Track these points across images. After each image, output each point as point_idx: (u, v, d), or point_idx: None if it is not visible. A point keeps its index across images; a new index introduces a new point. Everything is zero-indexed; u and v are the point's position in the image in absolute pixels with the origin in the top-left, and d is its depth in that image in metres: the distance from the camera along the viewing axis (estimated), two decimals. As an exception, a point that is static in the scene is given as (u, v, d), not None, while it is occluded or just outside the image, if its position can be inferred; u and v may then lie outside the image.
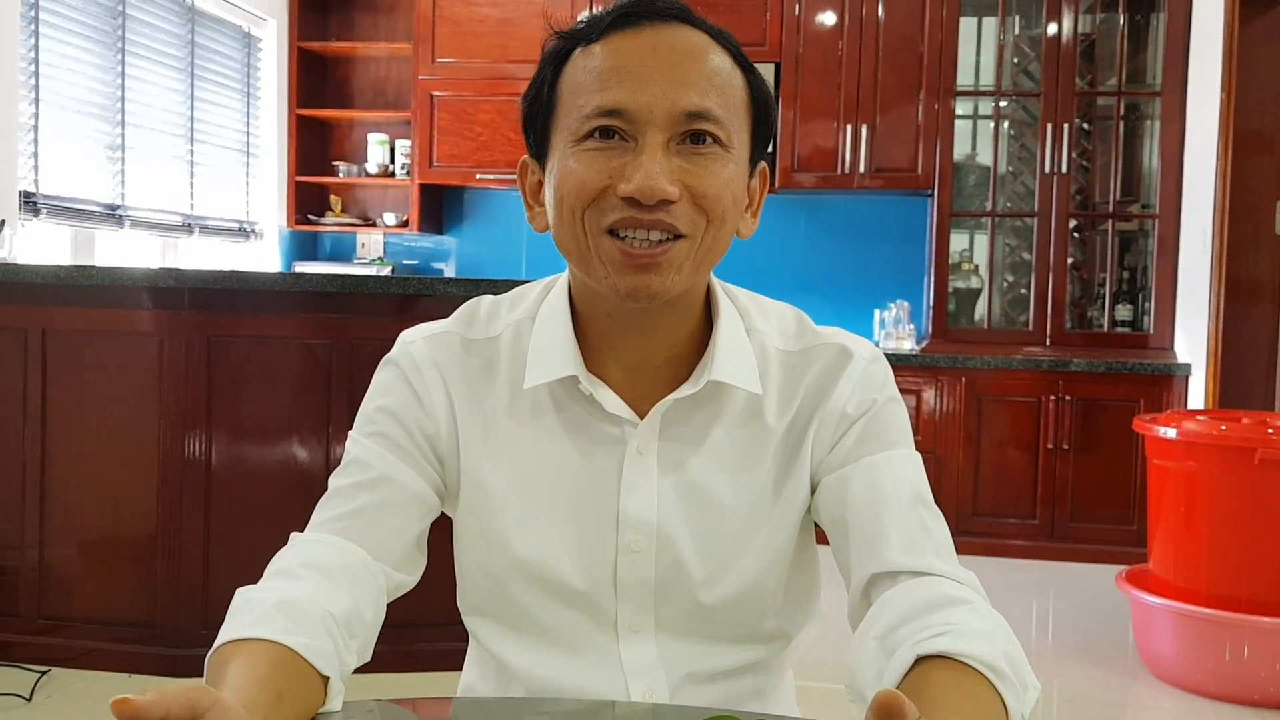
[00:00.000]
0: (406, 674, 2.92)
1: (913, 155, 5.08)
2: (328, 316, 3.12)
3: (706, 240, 0.95)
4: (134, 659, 3.09)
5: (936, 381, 4.82)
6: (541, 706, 0.97)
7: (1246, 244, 4.48)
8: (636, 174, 0.91)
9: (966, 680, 0.81)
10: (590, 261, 0.95)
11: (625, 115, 0.92)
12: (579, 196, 0.93)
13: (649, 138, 0.92)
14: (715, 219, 0.95)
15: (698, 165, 0.93)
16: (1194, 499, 3.24)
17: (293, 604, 0.89)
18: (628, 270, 0.93)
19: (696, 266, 0.96)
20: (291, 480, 3.10)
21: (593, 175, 0.93)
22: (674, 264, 0.94)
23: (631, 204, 0.92)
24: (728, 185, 0.95)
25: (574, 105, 0.94)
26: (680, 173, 0.93)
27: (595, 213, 0.94)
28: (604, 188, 0.93)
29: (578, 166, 0.93)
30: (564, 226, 0.96)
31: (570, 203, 0.94)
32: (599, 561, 1.03)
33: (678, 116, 0.92)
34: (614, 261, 0.94)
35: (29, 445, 3.14)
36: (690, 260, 0.95)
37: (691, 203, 0.93)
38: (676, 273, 0.94)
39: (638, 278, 0.93)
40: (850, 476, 1.02)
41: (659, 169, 0.91)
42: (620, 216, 0.92)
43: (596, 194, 0.93)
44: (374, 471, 1.03)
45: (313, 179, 5.81)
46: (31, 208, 3.91)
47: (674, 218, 0.92)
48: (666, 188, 0.91)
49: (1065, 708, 3.15)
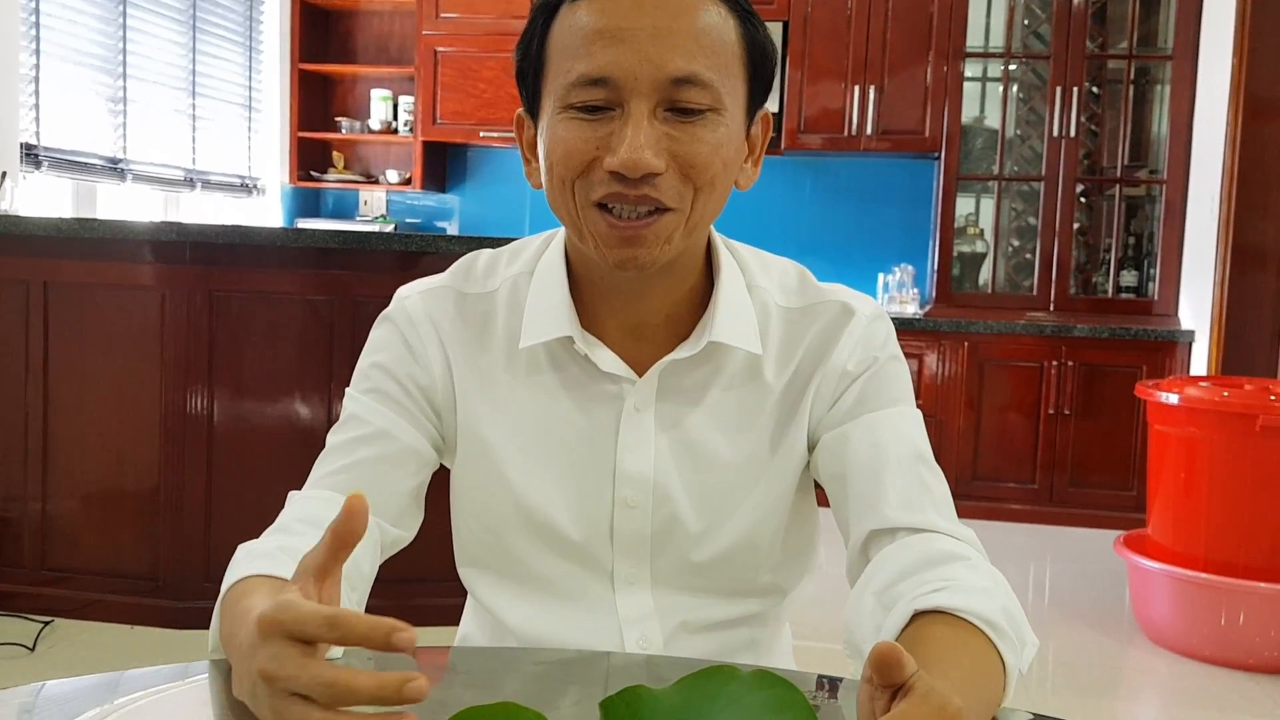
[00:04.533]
0: (406, 629, 2.94)
1: (920, 117, 5.04)
2: (330, 273, 3.12)
3: (696, 211, 0.94)
4: (136, 611, 3.11)
5: (939, 346, 4.82)
6: (537, 656, 0.98)
7: (1254, 211, 4.46)
8: (621, 146, 0.89)
9: (964, 635, 0.81)
10: (581, 230, 0.95)
11: (610, 83, 0.90)
12: (567, 167, 0.92)
13: (634, 106, 0.90)
14: (704, 187, 0.93)
15: (685, 133, 0.91)
16: (1194, 465, 3.24)
17: (296, 552, 0.89)
18: (615, 243, 0.92)
19: (687, 235, 0.95)
20: (293, 436, 3.11)
21: (580, 145, 0.91)
22: (661, 236, 0.93)
23: (617, 179, 0.90)
24: (717, 151, 0.93)
25: (561, 69, 0.93)
26: (667, 141, 0.91)
27: (584, 185, 0.92)
28: (591, 160, 0.91)
29: (566, 135, 0.92)
30: (555, 194, 0.95)
31: (560, 172, 0.93)
32: (596, 515, 1.03)
33: (664, 82, 0.90)
34: (601, 234, 0.93)
35: (31, 397, 3.15)
36: (679, 231, 0.94)
37: (679, 173, 0.91)
38: (665, 244, 0.93)
39: (625, 250, 0.93)
40: (850, 434, 1.02)
41: (644, 140, 0.89)
42: (607, 191, 0.91)
43: (584, 166, 0.92)
44: (371, 427, 1.03)
45: (315, 135, 5.78)
46: (33, 160, 3.89)
47: (660, 192, 0.91)
48: (651, 160, 0.89)
49: (1061, 670, 3.17)
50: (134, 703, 0.82)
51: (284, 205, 5.76)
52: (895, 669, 0.64)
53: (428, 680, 0.62)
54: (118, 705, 0.83)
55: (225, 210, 5.30)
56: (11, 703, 0.84)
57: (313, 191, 5.97)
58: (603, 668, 0.94)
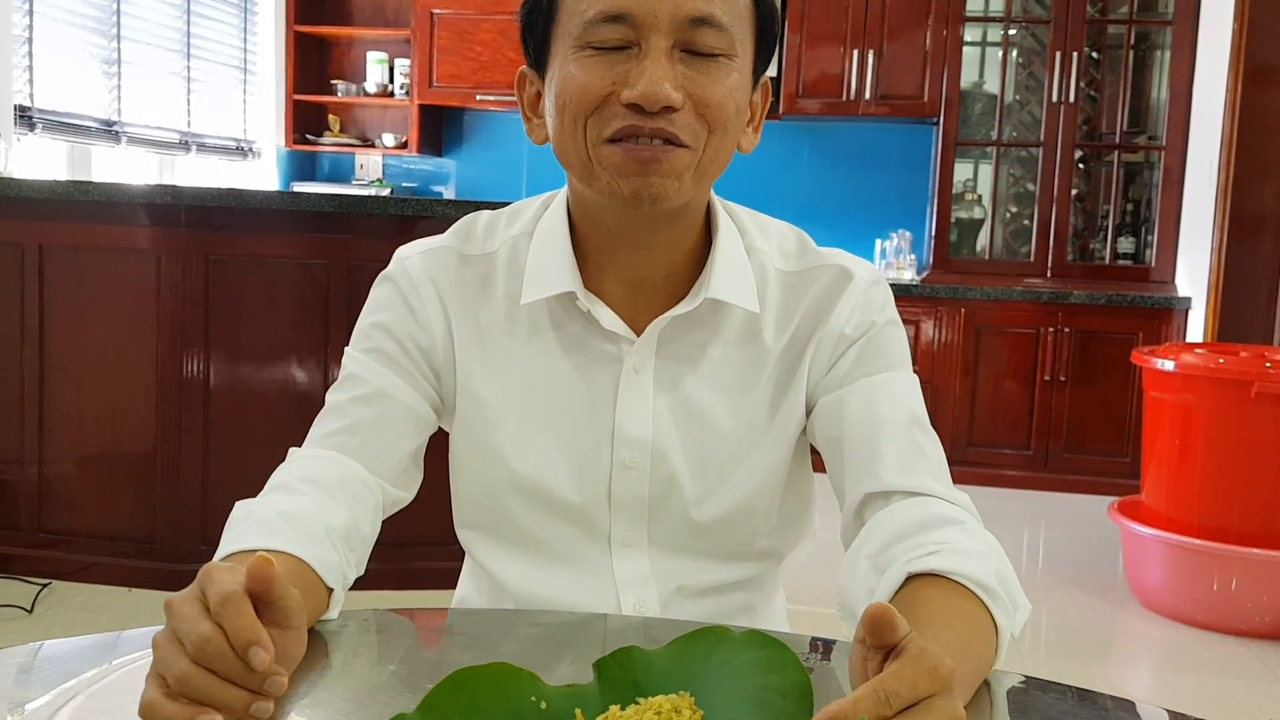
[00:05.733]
0: (403, 591, 2.96)
1: (919, 82, 5.01)
2: (326, 237, 3.11)
3: (708, 151, 0.94)
4: (133, 573, 3.13)
5: (936, 312, 4.82)
6: (534, 618, 0.98)
7: (1253, 178, 4.44)
8: (640, 80, 0.89)
9: (958, 598, 0.82)
10: (591, 170, 0.94)
11: (629, 19, 0.90)
12: (581, 103, 0.92)
13: (653, 43, 0.90)
14: (718, 128, 0.93)
15: (701, 73, 0.92)
16: (1189, 431, 3.25)
17: (295, 516, 0.90)
18: (630, 171, 0.92)
19: (698, 179, 0.95)
20: (290, 400, 3.11)
21: (595, 81, 0.91)
22: (676, 170, 0.92)
23: (634, 111, 0.90)
24: (731, 94, 0.93)
25: (575, 10, 0.92)
26: (684, 80, 0.91)
27: (597, 121, 0.92)
28: (606, 95, 0.91)
29: (579, 73, 0.92)
30: (565, 135, 0.94)
31: (573, 110, 0.92)
32: (594, 477, 1.04)
33: (682, 21, 0.90)
34: (615, 165, 0.92)
35: (27, 361, 3.14)
36: (692, 171, 0.93)
37: (694, 112, 0.92)
38: (678, 179, 0.93)
39: (640, 179, 0.92)
40: (847, 398, 1.02)
41: (663, 75, 0.89)
42: (622, 125, 0.91)
43: (599, 101, 0.91)
44: (370, 387, 1.03)
45: (311, 98, 5.74)
46: (27, 122, 3.86)
47: (676, 127, 0.91)
48: (671, 94, 0.89)
49: (1053, 635, 3.20)
50: (132, 663, 0.82)
51: (279, 169, 5.73)
52: (888, 630, 0.64)
53: (284, 684, 0.68)
54: (115, 666, 0.84)
55: (220, 173, 5.27)
56: (10, 663, 0.85)
57: (308, 155, 5.94)
58: (599, 630, 0.95)
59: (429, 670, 0.82)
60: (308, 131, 5.80)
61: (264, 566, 0.70)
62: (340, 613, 0.92)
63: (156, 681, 0.67)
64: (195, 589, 0.70)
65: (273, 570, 0.70)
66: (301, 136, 5.77)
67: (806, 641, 0.90)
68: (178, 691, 0.66)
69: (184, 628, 0.67)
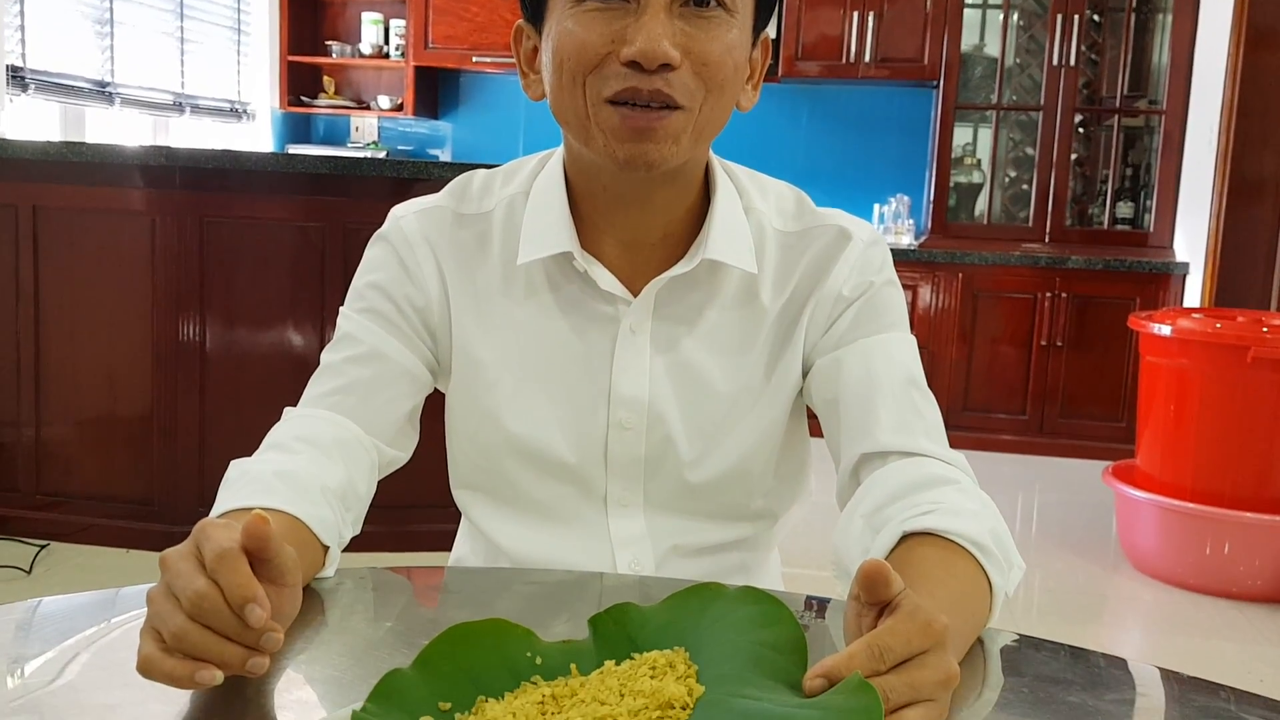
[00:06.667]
0: (400, 554, 2.97)
1: (919, 45, 4.98)
2: (321, 199, 3.10)
3: (706, 111, 0.93)
4: (131, 535, 3.14)
5: (933, 277, 4.81)
6: (531, 576, 0.99)
7: (1253, 143, 4.42)
8: (639, 36, 0.88)
9: (952, 556, 0.82)
10: (589, 130, 0.93)
11: None
12: (579, 61, 0.91)
13: None
14: (715, 88, 0.92)
15: (700, 29, 0.91)
16: (1185, 396, 3.26)
17: (291, 475, 0.90)
18: (626, 137, 0.91)
19: (695, 139, 0.94)
20: (286, 363, 3.11)
21: (593, 39, 0.90)
22: (672, 134, 0.91)
23: (633, 70, 0.89)
24: (730, 51, 0.92)
25: None
26: (682, 36, 0.90)
27: (596, 80, 0.91)
28: (605, 54, 0.90)
29: (577, 29, 0.91)
30: (563, 93, 0.93)
31: (570, 67, 0.91)
32: (590, 438, 1.04)
33: None
34: (612, 129, 0.91)
35: (23, 322, 3.14)
36: (689, 133, 0.93)
37: (692, 70, 0.91)
38: (674, 143, 0.92)
39: (636, 145, 0.91)
40: (844, 359, 1.02)
41: (661, 31, 0.88)
42: (621, 87, 0.90)
43: (597, 59, 0.90)
44: (365, 347, 1.03)
45: (305, 59, 5.70)
46: (19, 83, 3.83)
47: (673, 88, 0.90)
48: (669, 51, 0.88)
49: (1046, 598, 3.22)
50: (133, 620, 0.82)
51: (274, 131, 5.69)
52: (882, 586, 0.65)
53: (280, 640, 0.68)
54: (116, 624, 0.84)
55: (214, 136, 5.24)
56: (8, 619, 0.85)
57: (303, 117, 5.90)
58: (595, 588, 0.95)
59: (425, 627, 0.83)
60: (302, 93, 5.75)
61: (260, 524, 0.70)
62: (337, 571, 0.92)
63: (152, 636, 0.67)
64: (190, 545, 0.70)
65: (269, 528, 0.70)
66: (296, 98, 5.72)
67: (801, 600, 0.91)
68: (174, 647, 0.66)
69: (180, 583, 0.67)
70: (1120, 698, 0.77)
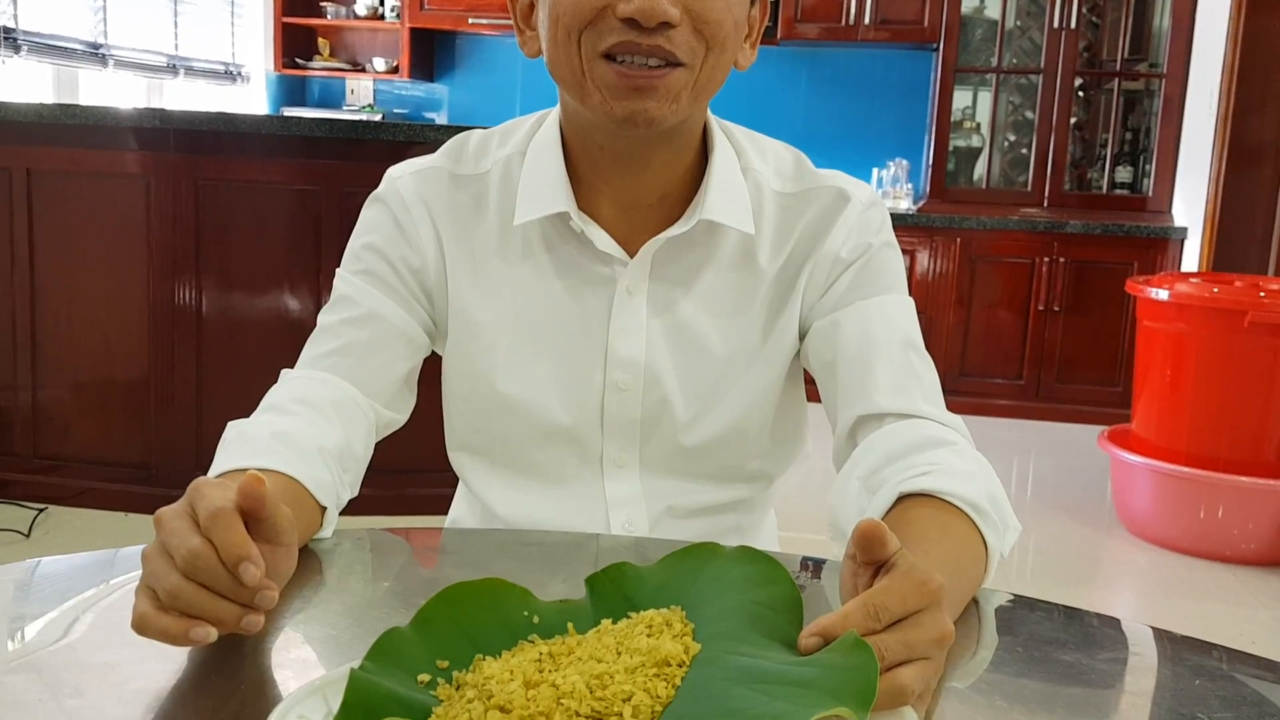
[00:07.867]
0: (396, 517, 2.98)
1: (919, 7, 4.94)
2: (317, 162, 3.08)
3: (705, 69, 0.92)
4: (129, 498, 3.15)
5: (931, 241, 4.80)
6: (528, 537, 0.99)
7: (1253, 107, 4.40)
8: None
9: (948, 517, 0.82)
10: (585, 87, 0.92)
11: None
12: (576, 16, 0.89)
13: None
14: (715, 45, 0.91)
15: None
16: (1181, 360, 3.26)
17: (289, 436, 0.89)
18: (624, 94, 0.90)
19: (694, 97, 0.93)
20: (282, 326, 3.10)
21: None
22: (671, 91, 0.90)
23: (631, 26, 0.88)
24: (729, 9, 0.91)
25: None
26: None
27: (592, 35, 0.90)
28: (602, 8, 0.88)
29: None
30: (559, 50, 0.92)
31: (566, 22, 0.90)
32: (586, 399, 1.04)
33: None
34: (610, 86, 0.90)
35: (18, 286, 3.13)
36: (688, 91, 0.92)
37: (692, 28, 0.89)
38: (674, 101, 0.91)
39: (634, 102, 0.90)
40: (841, 321, 1.01)
41: None
42: (618, 40, 0.88)
43: (594, 14, 0.89)
44: (361, 308, 1.02)
45: (300, 20, 5.64)
46: (11, 44, 3.80)
47: (673, 44, 0.89)
48: (668, 9, 0.87)
49: (1040, 560, 3.24)
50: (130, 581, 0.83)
51: (269, 93, 5.65)
52: (878, 546, 0.65)
53: (273, 599, 0.68)
54: (114, 586, 0.84)
55: (208, 98, 5.20)
56: (7, 579, 0.85)
57: (298, 79, 5.86)
58: (592, 549, 0.96)
59: (423, 587, 0.83)
60: (297, 55, 5.71)
61: (255, 484, 0.70)
62: (335, 532, 0.92)
63: (147, 594, 0.67)
64: (185, 504, 0.70)
65: (264, 488, 0.70)
66: (291, 60, 5.68)
67: (797, 560, 0.91)
68: (168, 605, 0.66)
69: (174, 542, 0.67)
70: (1114, 657, 0.78)
